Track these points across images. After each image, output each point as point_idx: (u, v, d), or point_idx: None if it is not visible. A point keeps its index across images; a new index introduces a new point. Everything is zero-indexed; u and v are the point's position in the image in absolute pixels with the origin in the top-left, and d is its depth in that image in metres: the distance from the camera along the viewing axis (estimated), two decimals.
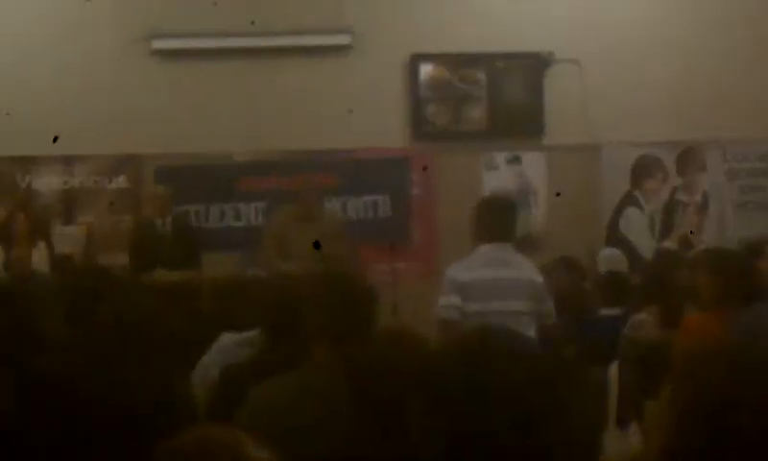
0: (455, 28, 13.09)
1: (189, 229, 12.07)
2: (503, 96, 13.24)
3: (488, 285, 7.11)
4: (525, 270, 7.34)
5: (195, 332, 6.21)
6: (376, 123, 12.98)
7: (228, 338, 5.70)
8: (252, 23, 12.66)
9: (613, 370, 5.94)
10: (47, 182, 12.87)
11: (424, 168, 13.10)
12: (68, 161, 12.85)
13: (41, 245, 11.65)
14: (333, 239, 10.86)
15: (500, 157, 13.31)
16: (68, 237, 12.62)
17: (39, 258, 11.46)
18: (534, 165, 13.32)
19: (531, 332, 7.05)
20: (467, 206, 12.91)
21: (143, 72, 12.90)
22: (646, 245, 12.97)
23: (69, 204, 12.89)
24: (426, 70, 13.18)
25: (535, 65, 13.24)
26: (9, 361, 5.30)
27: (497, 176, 13.31)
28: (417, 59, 13.13)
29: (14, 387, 4.91)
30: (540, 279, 7.34)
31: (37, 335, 5.65)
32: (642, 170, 13.39)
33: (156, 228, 11.62)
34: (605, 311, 8.35)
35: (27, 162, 12.78)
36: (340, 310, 3.92)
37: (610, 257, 10.33)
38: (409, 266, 12.90)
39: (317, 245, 11.29)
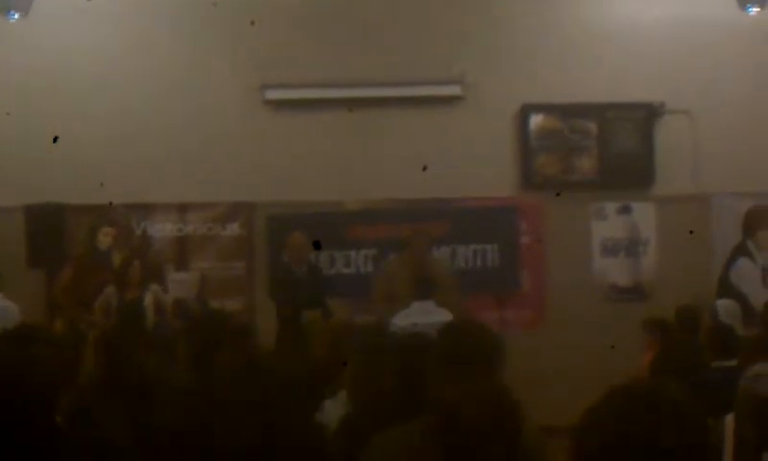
0: (565, 78, 13.12)
1: (320, 273, 12.18)
2: (613, 146, 13.22)
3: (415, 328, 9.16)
4: (439, 316, 9.74)
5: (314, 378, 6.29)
6: (486, 172, 13.04)
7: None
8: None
9: (729, 422, 5.89)
10: (162, 229, 13.10)
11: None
12: (183, 209, 13.07)
13: (154, 290, 11.86)
14: (443, 288, 10.88)
15: (610, 207, 13.28)
16: (181, 283, 12.81)
17: (151, 303, 11.66)
18: (644, 215, 13.26)
19: None
20: (576, 255, 13.04)
21: (256, 121, 13.10)
22: (758, 296, 12.78)
23: (183, 250, 13.09)
24: (536, 120, 13.22)
25: (645, 116, 13.21)
26: (128, 407, 5.45)
27: (606, 225, 13.28)
28: (527, 109, 13.19)
29: (134, 432, 5.05)
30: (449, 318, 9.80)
31: (155, 380, 5.79)
32: (755, 220, 13.25)
33: (293, 272, 11.72)
34: (716, 363, 8.27)
35: (143, 209, 13.03)
36: (466, 359, 3.96)
37: (723, 309, 10.22)
38: (518, 315, 12.89)
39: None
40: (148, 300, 11.64)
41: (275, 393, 3.99)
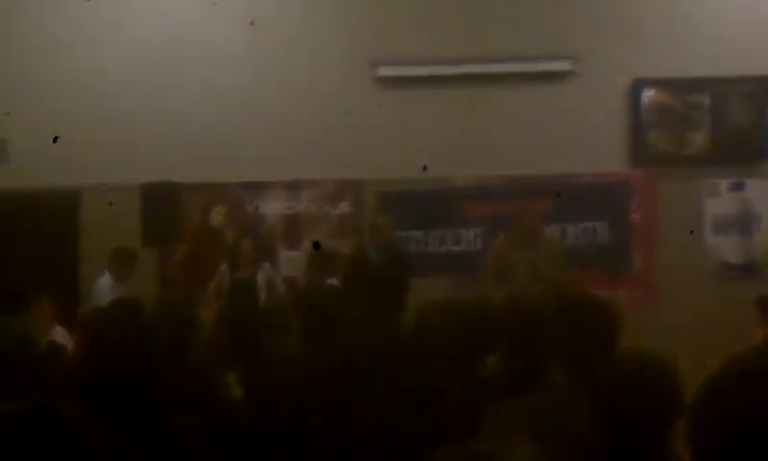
0: (678, 52, 12.95)
1: (401, 261, 10.98)
2: (727, 121, 13.03)
3: None
4: None
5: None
6: (597, 148, 12.92)
7: None
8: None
9: None
10: (273, 208, 13.21)
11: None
12: (293, 187, 13.17)
13: (267, 269, 11.96)
14: (553, 265, 10.81)
15: (723, 184, 13.09)
16: (292, 261, 12.90)
17: (264, 282, 11.76)
18: (758, 191, 13.05)
19: None
20: (688, 231, 12.87)
21: (367, 98, 13.13)
22: None
23: (294, 228, 13.18)
24: (649, 95, 13.08)
25: (760, 89, 13.00)
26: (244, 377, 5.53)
27: (720, 202, 13.09)
28: (639, 83, 13.05)
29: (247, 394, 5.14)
30: None
31: (269, 353, 5.85)
32: None
33: (367, 260, 11.38)
34: None
35: (255, 188, 13.15)
36: (584, 332, 3.95)
37: None
38: (628, 293, 12.72)
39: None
40: (260, 278, 11.75)
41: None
